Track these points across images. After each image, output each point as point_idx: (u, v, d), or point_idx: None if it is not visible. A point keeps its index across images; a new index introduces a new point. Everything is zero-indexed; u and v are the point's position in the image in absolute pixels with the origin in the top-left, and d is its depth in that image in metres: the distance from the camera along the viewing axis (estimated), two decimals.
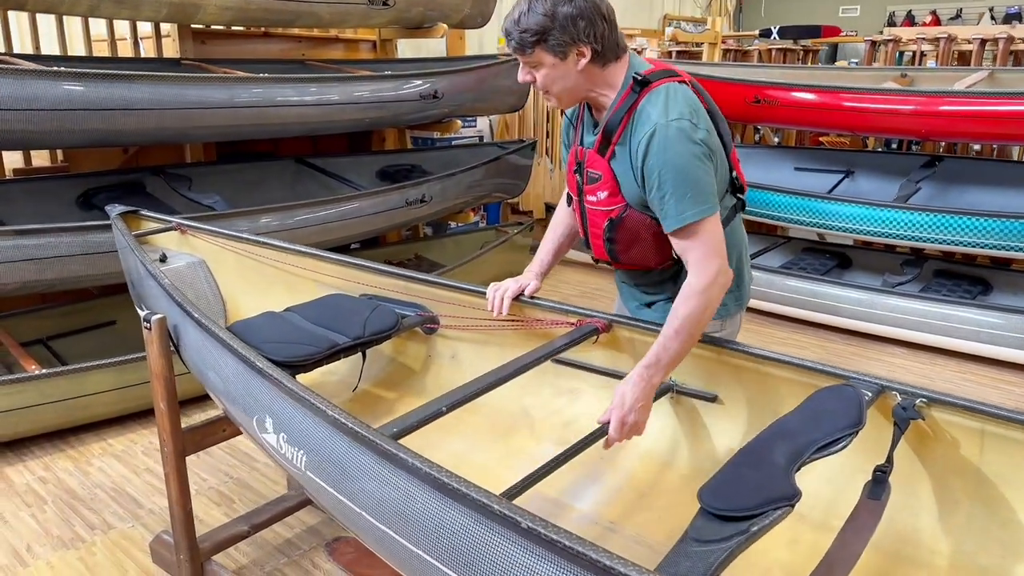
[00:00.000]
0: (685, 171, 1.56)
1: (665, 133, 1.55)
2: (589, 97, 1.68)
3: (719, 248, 1.61)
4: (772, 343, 4.31)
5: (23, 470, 2.91)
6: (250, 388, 1.61)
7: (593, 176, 1.72)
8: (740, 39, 6.69)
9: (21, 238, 2.96)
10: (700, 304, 1.57)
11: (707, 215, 1.58)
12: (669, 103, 1.58)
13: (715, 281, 1.59)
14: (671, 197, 1.57)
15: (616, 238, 1.73)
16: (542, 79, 1.62)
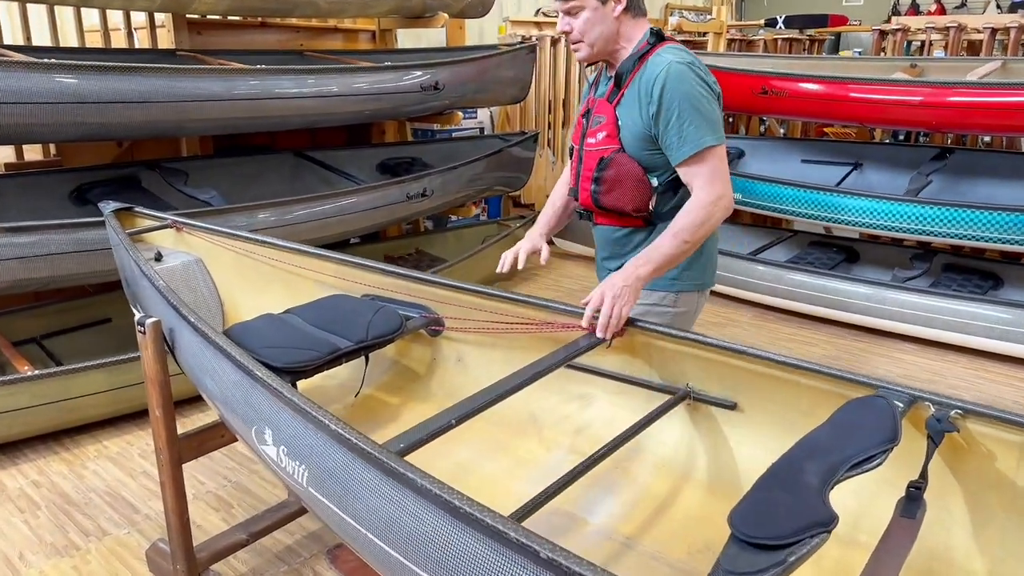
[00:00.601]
0: (700, 102, 1.71)
1: (680, 69, 1.71)
2: (613, 51, 1.82)
3: (726, 178, 1.74)
4: (779, 339, 4.24)
5: (16, 474, 2.84)
6: (249, 397, 1.54)
7: (598, 120, 1.86)
8: (745, 28, 6.59)
9: (11, 236, 2.87)
10: (700, 216, 1.70)
11: (720, 142, 1.72)
12: (681, 53, 1.77)
13: (718, 202, 1.71)
14: (690, 124, 1.69)
15: (602, 178, 1.84)
16: (581, 25, 1.77)
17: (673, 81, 1.69)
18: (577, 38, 1.80)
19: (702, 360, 1.69)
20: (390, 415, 2.03)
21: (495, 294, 1.96)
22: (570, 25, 1.79)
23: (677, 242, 1.70)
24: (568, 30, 1.80)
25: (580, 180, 1.93)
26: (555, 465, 1.77)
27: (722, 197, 1.72)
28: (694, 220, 1.70)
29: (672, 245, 1.71)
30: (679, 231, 1.70)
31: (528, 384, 1.54)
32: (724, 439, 1.70)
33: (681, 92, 1.69)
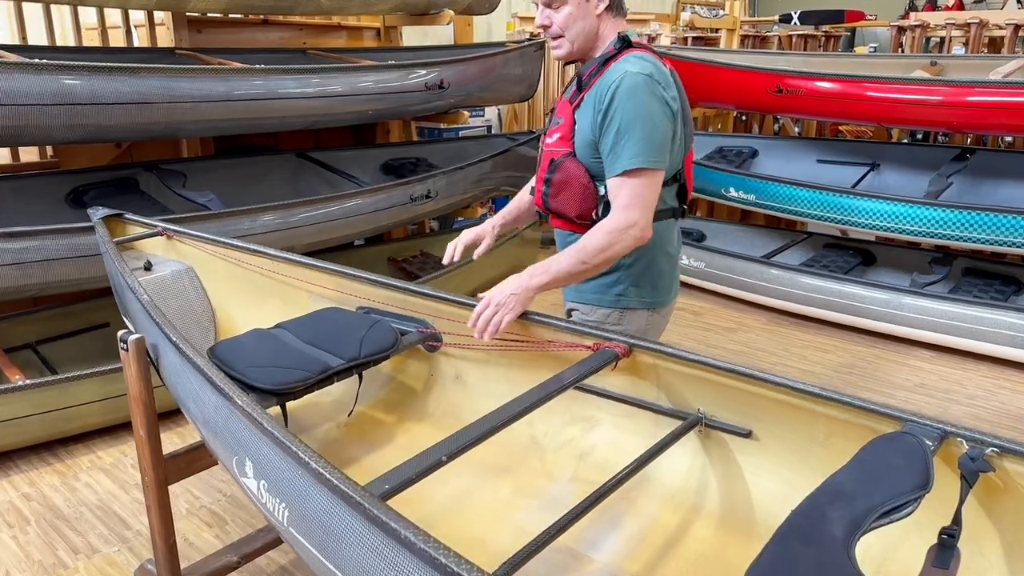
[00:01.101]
0: (646, 118, 1.63)
1: (635, 80, 1.63)
2: (591, 49, 1.75)
3: (647, 205, 1.65)
4: (792, 345, 4.12)
5: (7, 486, 2.76)
6: (229, 424, 1.44)
7: (557, 120, 1.81)
8: (758, 24, 6.45)
9: (5, 241, 2.79)
10: (604, 241, 1.64)
11: (654, 166, 1.64)
12: (643, 63, 1.67)
13: (626, 230, 1.63)
14: (627, 140, 1.63)
15: (552, 180, 1.79)
16: (562, 19, 1.70)
17: (624, 92, 1.63)
18: (557, 33, 1.74)
19: (714, 384, 1.58)
20: (385, 435, 1.93)
21: None
22: (550, 19, 1.73)
23: (575, 261, 1.67)
24: (548, 24, 1.74)
25: (538, 181, 1.89)
26: (558, 493, 1.67)
27: (633, 226, 1.63)
28: (597, 243, 1.65)
29: (570, 264, 1.67)
30: (580, 251, 1.66)
31: (529, 412, 1.44)
32: (738, 469, 1.59)
33: (627, 106, 1.63)
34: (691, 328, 4.34)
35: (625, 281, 1.83)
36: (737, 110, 5.42)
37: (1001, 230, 3.73)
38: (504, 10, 6.31)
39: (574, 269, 1.67)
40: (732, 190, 4.55)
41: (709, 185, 4.68)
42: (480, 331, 1.68)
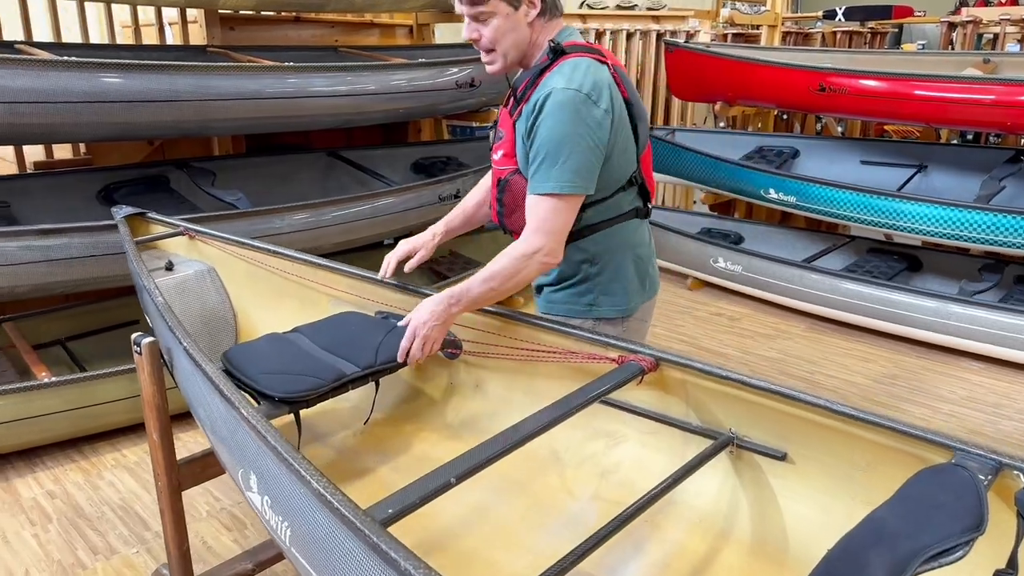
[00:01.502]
0: (563, 141, 1.55)
1: (559, 98, 1.55)
2: (528, 58, 1.66)
3: (555, 230, 1.59)
4: (833, 354, 3.97)
5: (33, 483, 2.77)
6: (236, 436, 1.39)
7: (499, 135, 1.73)
8: (801, 21, 6.26)
9: (31, 239, 2.80)
10: (510, 268, 1.60)
11: (565, 192, 1.57)
12: (575, 74, 1.57)
13: (531, 257, 1.59)
14: (543, 162, 1.57)
15: (503, 200, 1.72)
16: (492, 33, 1.59)
17: (547, 112, 1.55)
18: (488, 46, 1.62)
19: (747, 403, 1.49)
20: (401, 444, 1.87)
21: (517, 317, 1.78)
22: (479, 32, 1.61)
23: (486, 288, 1.63)
24: (476, 37, 1.62)
25: (491, 197, 1.81)
26: (578, 513, 1.59)
27: (538, 251, 1.58)
28: (505, 270, 1.61)
29: (481, 291, 1.63)
30: (489, 278, 1.62)
31: (548, 429, 1.36)
32: (771, 493, 1.49)
33: (549, 125, 1.55)
34: (728, 334, 4.21)
35: (595, 290, 1.77)
36: (778, 109, 5.26)
37: None
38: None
39: (486, 296, 1.64)
40: (772, 191, 4.40)
41: (748, 186, 4.54)
42: (401, 353, 1.67)
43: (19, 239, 2.78)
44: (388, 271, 1.94)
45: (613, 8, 5.94)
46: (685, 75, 4.99)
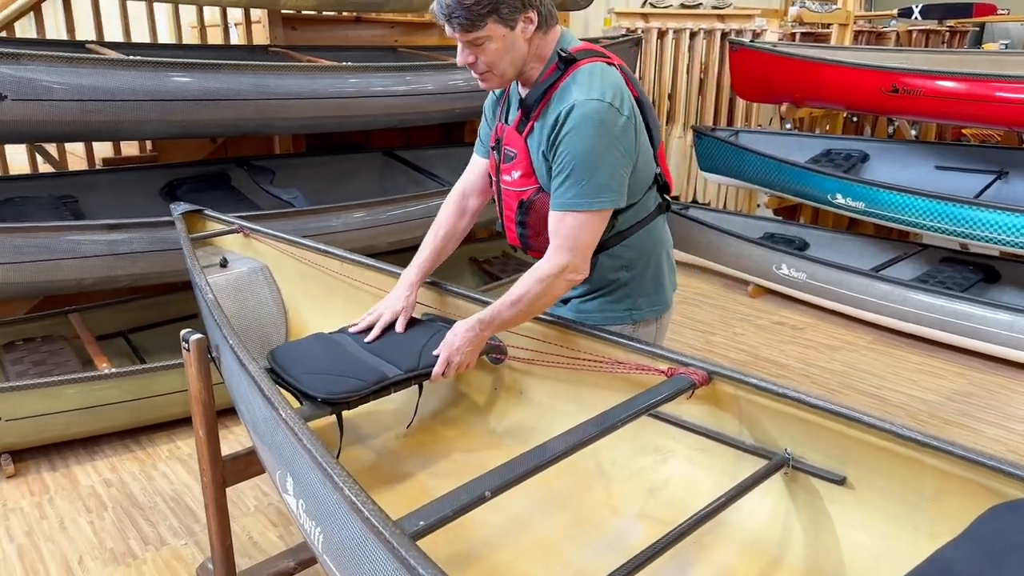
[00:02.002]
0: (591, 156, 1.50)
1: (583, 112, 1.49)
2: (525, 71, 1.59)
3: (581, 247, 1.56)
4: (902, 368, 3.79)
5: (91, 471, 2.85)
6: (275, 437, 1.38)
7: (509, 154, 1.66)
8: (875, 20, 6.02)
9: (97, 233, 2.88)
10: (536, 289, 1.57)
11: (593, 208, 1.53)
12: (593, 82, 1.53)
13: (560, 275, 1.56)
14: (569, 179, 1.52)
15: (527, 222, 1.67)
16: (489, 56, 1.53)
17: (572, 127, 1.49)
18: (484, 69, 1.56)
19: (805, 422, 1.40)
20: (443, 450, 1.83)
21: (564, 324, 1.73)
22: (473, 57, 1.54)
23: (515, 311, 1.61)
24: (472, 62, 1.55)
25: (504, 218, 1.76)
26: (622, 531, 1.53)
27: (566, 269, 1.55)
28: (530, 291, 1.57)
29: (510, 314, 1.61)
30: (516, 300, 1.59)
31: (591, 443, 1.30)
32: (828, 519, 1.40)
33: (573, 141, 1.50)
34: (790, 345, 4.06)
35: (632, 295, 1.75)
36: (847, 111, 5.06)
37: None
38: (602, 6, 6.14)
39: (516, 318, 1.63)
40: (839, 196, 4.23)
41: (814, 190, 4.37)
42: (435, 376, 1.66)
43: (87, 233, 2.86)
44: (373, 337, 1.81)
45: (677, 7, 5.81)
46: (750, 75, 4.84)
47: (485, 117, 1.85)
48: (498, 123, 1.73)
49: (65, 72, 2.71)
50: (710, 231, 4.91)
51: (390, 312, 1.82)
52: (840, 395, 3.50)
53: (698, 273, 5.20)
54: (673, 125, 5.82)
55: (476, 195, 1.89)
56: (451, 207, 1.90)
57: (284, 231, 3.13)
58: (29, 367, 2.99)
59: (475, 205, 1.90)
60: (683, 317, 4.44)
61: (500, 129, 1.70)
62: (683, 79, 5.64)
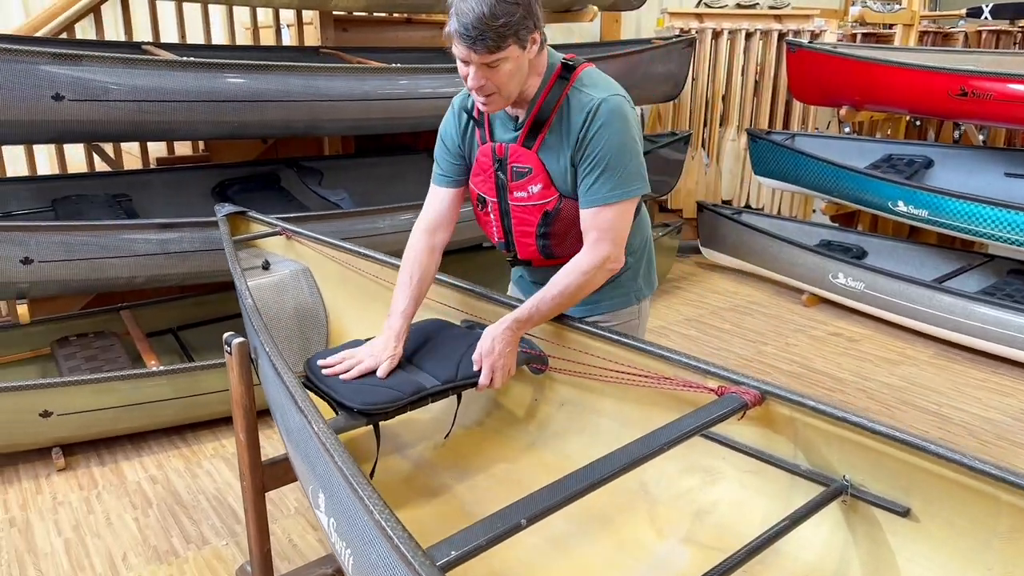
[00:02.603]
0: (623, 148, 1.57)
1: (609, 107, 1.56)
2: (523, 89, 1.61)
3: (621, 234, 1.62)
4: (965, 385, 3.61)
5: (138, 466, 2.89)
6: (308, 450, 1.35)
7: (521, 171, 1.66)
8: (940, 20, 5.78)
9: (150, 232, 2.92)
10: (581, 281, 1.61)
11: (630, 197, 1.60)
12: (600, 82, 1.62)
13: (602, 266, 1.61)
14: (604, 173, 1.57)
15: (552, 232, 1.69)
16: (501, 78, 1.53)
17: (601, 121, 1.56)
18: (492, 91, 1.55)
19: (866, 449, 1.31)
20: (481, 462, 1.79)
21: (609, 336, 1.67)
22: (486, 79, 1.52)
23: (554, 304, 1.63)
24: (483, 84, 1.53)
25: (514, 236, 1.76)
26: (666, 555, 1.46)
27: (607, 259, 1.61)
28: (573, 284, 1.61)
29: (551, 307, 1.63)
30: (558, 295, 1.62)
31: (638, 464, 1.24)
32: (889, 553, 1.31)
33: (605, 136, 1.56)
34: (845, 357, 3.91)
35: (637, 276, 1.85)
36: (910, 114, 4.85)
37: None
38: (655, 6, 6.03)
39: (554, 312, 1.65)
40: (901, 204, 4.05)
41: (875, 197, 4.20)
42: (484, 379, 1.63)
43: (139, 232, 2.91)
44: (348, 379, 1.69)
45: (732, 6, 5.67)
46: (808, 77, 4.68)
47: (445, 146, 1.80)
48: (487, 145, 1.70)
49: (121, 73, 2.75)
50: (764, 237, 4.77)
51: (372, 360, 1.68)
52: (898, 411, 3.35)
53: (750, 280, 5.06)
54: (726, 127, 5.68)
55: (444, 228, 1.85)
56: (420, 246, 1.82)
57: (332, 232, 3.14)
58: (81, 362, 3.05)
59: (443, 239, 1.85)
60: (734, 326, 4.32)
61: (500, 150, 1.68)
62: (737, 80, 5.50)
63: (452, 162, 1.80)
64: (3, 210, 3.25)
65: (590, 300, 1.77)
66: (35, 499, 2.67)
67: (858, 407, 3.37)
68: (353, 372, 1.66)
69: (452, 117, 1.79)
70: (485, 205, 1.79)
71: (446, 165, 1.81)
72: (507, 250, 1.83)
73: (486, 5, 1.43)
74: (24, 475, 2.81)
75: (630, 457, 1.21)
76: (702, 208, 5.23)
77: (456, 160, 1.79)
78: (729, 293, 4.90)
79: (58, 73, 2.65)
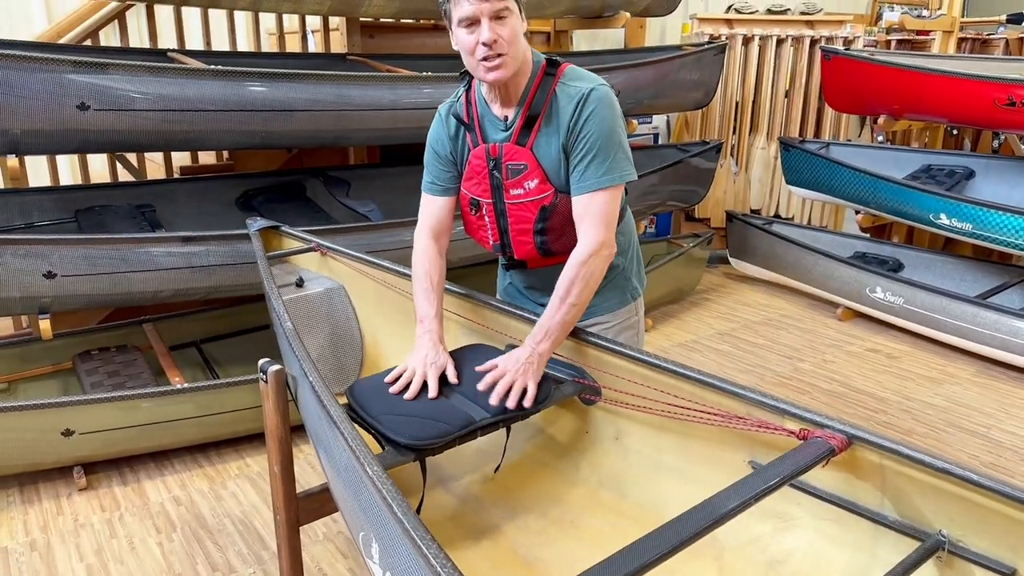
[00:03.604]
0: (613, 133, 1.62)
1: (598, 95, 1.61)
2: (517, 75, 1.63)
3: (613, 219, 1.65)
4: (1011, 406, 3.47)
5: (160, 486, 2.80)
6: (360, 493, 1.25)
7: (517, 168, 1.68)
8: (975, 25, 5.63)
9: (174, 245, 2.83)
10: (582, 273, 1.61)
11: (617, 183, 1.63)
12: (585, 75, 1.67)
13: (599, 252, 1.62)
14: (596, 158, 1.61)
15: (549, 227, 1.70)
16: (509, 33, 1.56)
17: (590, 108, 1.60)
18: (504, 49, 1.56)
19: (966, 502, 1.20)
20: (531, 499, 1.68)
21: (668, 368, 1.56)
22: (496, 34, 1.54)
23: (566, 307, 1.62)
24: (496, 38, 1.55)
25: (511, 236, 1.76)
26: None
27: (603, 244, 1.63)
28: (577, 279, 1.61)
29: (565, 313, 1.62)
30: (565, 295, 1.61)
31: (720, 524, 1.13)
32: None
33: (595, 121, 1.60)
34: (885, 375, 3.78)
35: (628, 275, 1.87)
36: (951, 124, 4.72)
37: None
38: (681, 11, 5.92)
39: (570, 316, 1.63)
40: (943, 217, 3.92)
41: (914, 209, 4.07)
42: (497, 395, 1.57)
43: (164, 245, 2.82)
44: (433, 390, 1.63)
45: (763, 12, 5.55)
46: (844, 85, 4.56)
47: (437, 154, 1.81)
48: (479, 148, 1.72)
49: (147, 81, 2.68)
50: (797, 249, 4.65)
51: (434, 368, 1.65)
52: (946, 434, 3.22)
53: (782, 292, 4.94)
54: (756, 135, 5.56)
55: (445, 234, 1.87)
56: (431, 252, 1.83)
57: (361, 245, 3.06)
58: (104, 377, 2.97)
59: (446, 244, 1.88)
60: (768, 340, 4.20)
61: (494, 150, 1.69)
62: (767, 87, 5.38)
63: (444, 170, 1.81)
64: (25, 221, 3.18)
65: (589, 305, 1.74)
66: (56, 520, 2.59)
67: (922, 442, 3.25)
68: (413, 388, 1.61)
69: (441, 124, 1.80)
70: (479, 209, 1.78)
71: (439, 173, 1.82)
72: (503, 252, 1.83)
73: None
74: (45, 495, 2.74)
75: (716, 513, 1.11)
76: (732, 218, 5.11)
77: (448, 168, 1.81)
78: (761, 306, 4.77)
79: (84, 82, 2.58)
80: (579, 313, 1.64)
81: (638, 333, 1.94)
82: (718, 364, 3.89)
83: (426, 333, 1.72)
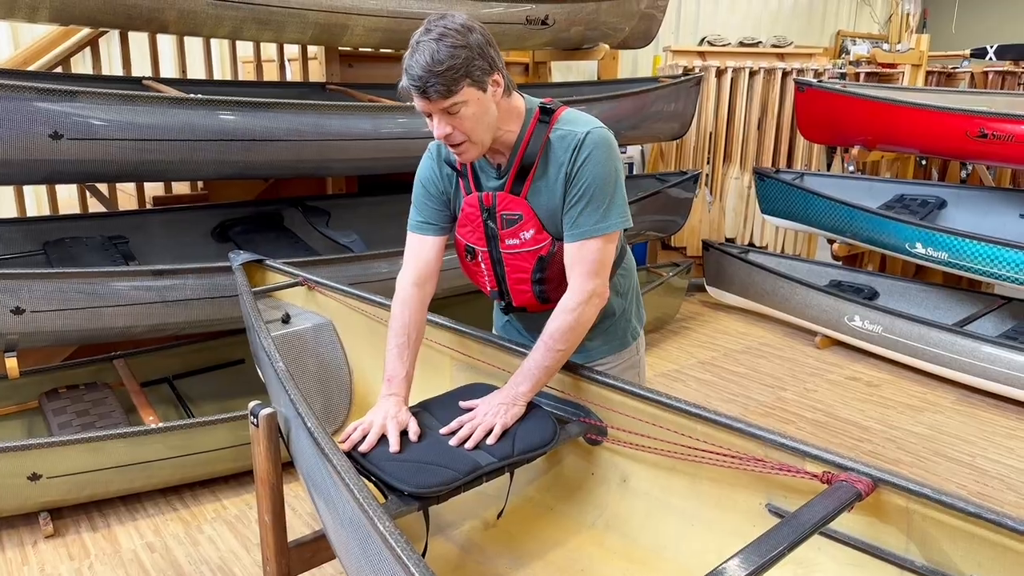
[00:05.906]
0: (608, 179, 1.57)
1: (594, 139, 1.56)
2: (498, 135, 1.58)
3: (606, 267, 1.61)
4: (993, 433, 3.50)
5: (133, 532, 2.67)
6: (368, 548, 1.18)
7: (512, 219, 1.63)
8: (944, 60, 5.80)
9: (146, 279, 2.73)
10: (571, 320, 1.58)
11: (616, 229, 1.59)
12: (582, 119, 1.61)
13: (590, 301, 1.58)
14: (589, 205, 1.56)
15: (548, 276, 1.66)
16: (467, 123, 1.49)
17: (586, 153, 1.55)
18: (462, 139, 1.51)
19: (996, 546, 1.17)
20: (535, 546, 1.62)
21: (679, 407, 1.52)
22: (450, 127, 1.49)
23: (552, 353, 1.58)
24: (449, 132, 1.50)
25: (508, 284, 1.71)
26: None
27: (594, 294, 1.59)
28: (563, 326, 1.57)
29: (548, 357, 1.58)
30: (551, 341, 1.57)
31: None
32: None
33: (591, 167, 1.55)
34: (868, 404, 3.79)
35: (629, 316, 1.84)
36: (922, 155, 4.82)
37: None
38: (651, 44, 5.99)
39: (554, 361, 1.59)
40: (919, 246, 3.98)
41: (890, 238, 4.12)
42: (459, 439, 1.52)
43: (137, 279, 2.72)
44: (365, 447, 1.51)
45: (735, 45, 5.64)
46: (818, 116, 4.63)
47: (428, 192, 1.73)
48: (472, 196, 1.66)
49: (123, 110, 2.60)
50: (775, 277, 4.68)
51: (395, 422, 1.54)
52: (931, 463, 3.23)
53: (760, 321, 4.96)
54: (729, 165, 5.62)
55: (431, 280, 1.77)
56: (412, 304, 1.72)
57: (345, 276, 2.98)
58: (72, 417, 2.84)
59: (431, 291, 1.77)
60: (749, 369, 4.20)
61: (487, 199, 1.63)
62: (740, 118, 5.45)
63: (437, 209, 1.73)
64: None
65: (587, 347, 1.75)
66: (21, 571, 2.45)
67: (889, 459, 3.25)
68: (370, 439, 1.50)
69: (431, 163, 1.73)
70: (475, 256, 1.73)
71: (430, 212, 1.74)
72: (501, 298, 1.78)
73: (428, 53, 1.42)
74: (8, 543, 2.58)
75: (751, 567, 1.06)
76: (708, 247, 5.14)
77: (441, 208, 1.74)
78: (740, 334, 4.78)
79: (57, 110, 2.49)
80: (564, 358, 1.61)
81: (640, 372, 1.90)
82: (703, 394, 3.87)
83: (391, 396, 1.60)
